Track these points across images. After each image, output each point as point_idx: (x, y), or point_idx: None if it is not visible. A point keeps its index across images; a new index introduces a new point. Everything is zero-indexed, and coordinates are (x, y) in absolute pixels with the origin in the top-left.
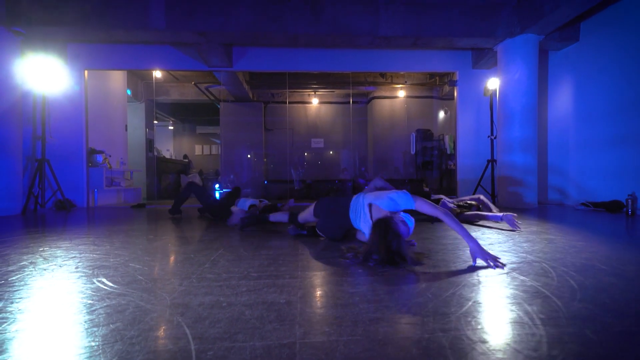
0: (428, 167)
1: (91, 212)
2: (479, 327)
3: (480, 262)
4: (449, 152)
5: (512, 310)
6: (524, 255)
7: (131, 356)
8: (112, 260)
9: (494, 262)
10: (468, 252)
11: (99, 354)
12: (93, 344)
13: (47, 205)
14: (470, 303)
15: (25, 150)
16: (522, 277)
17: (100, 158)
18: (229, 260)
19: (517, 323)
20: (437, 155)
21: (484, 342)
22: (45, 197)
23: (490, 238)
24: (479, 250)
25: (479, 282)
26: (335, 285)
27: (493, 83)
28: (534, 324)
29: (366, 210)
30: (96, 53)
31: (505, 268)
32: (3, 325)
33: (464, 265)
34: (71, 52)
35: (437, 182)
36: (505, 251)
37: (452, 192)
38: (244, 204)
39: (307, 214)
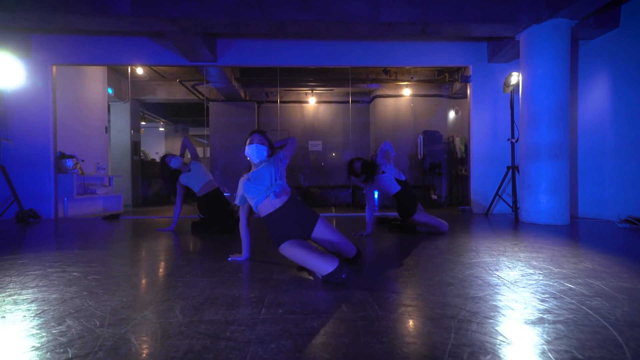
0: (436, 172)
1: (51, 226)
2: None
3: None
4: (459, 155)
5: None
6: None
7: None
8: None
9: None
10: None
11: None
12: None
13: (4, 216)
14: None
15: None
16: None
17: (70, 163)
18: None
19: None
20: (447, 159)
21: None
22: (12, 207)
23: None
24: None
25: None
26: None
27: (514, 77)
28: None
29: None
30: (65, 46)
31: None
32: None
33: None
34: (36, 44)
35: (446, 188)
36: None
37: (464, 202)
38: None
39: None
